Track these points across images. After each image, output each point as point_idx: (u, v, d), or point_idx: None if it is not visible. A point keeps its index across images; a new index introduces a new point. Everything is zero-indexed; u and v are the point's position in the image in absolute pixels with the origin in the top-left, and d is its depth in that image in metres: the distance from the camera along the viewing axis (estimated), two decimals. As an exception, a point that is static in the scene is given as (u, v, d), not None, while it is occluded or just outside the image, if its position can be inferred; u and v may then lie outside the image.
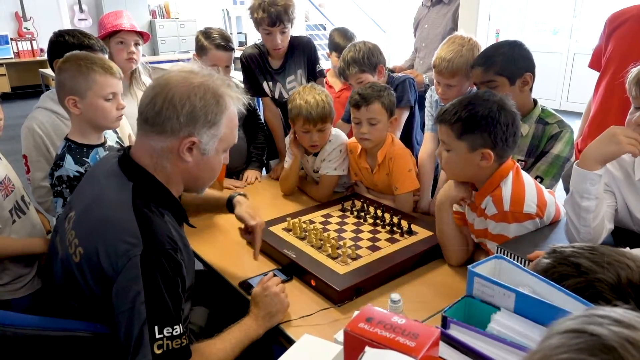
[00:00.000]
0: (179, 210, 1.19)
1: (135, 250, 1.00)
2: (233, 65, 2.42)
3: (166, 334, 0.99)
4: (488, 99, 1.35)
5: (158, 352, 0.98)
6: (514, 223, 1.35)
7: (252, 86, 2.51)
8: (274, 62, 2.49)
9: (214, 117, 1.11)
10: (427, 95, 2.25)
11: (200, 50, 2.27)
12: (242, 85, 2.52)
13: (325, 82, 2.72)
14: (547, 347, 0.44)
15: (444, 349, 0.83)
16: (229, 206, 1.58)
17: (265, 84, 2.51)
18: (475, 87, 2.02)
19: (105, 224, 1.05)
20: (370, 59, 2.15)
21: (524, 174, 1.43)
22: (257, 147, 2.51)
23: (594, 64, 2.28)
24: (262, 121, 2.59)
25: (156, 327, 0.98)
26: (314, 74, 2.55)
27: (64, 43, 2.00)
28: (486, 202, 1.40)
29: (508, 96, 1.42)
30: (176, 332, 1.01)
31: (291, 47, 2.47)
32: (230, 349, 1.16)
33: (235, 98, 1.17)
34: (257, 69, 2.48)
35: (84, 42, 1.99)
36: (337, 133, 2.11)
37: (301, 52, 2.50)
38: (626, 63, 1.55)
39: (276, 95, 2.51)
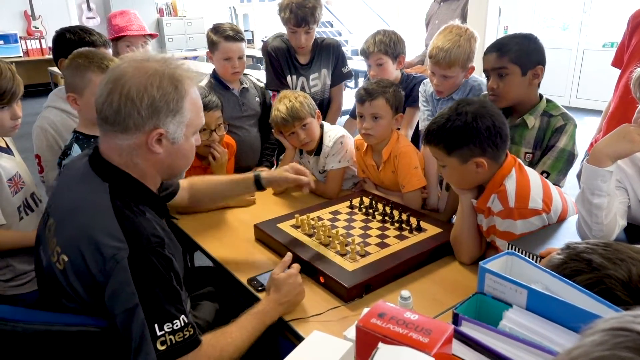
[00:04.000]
0: (159, 205, 1.17)
1: (122, 253, 0.99)
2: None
3: (167, 330, 0.99)
4: (461, 112, 1.36)
5: (161, 348, 0.98)
6: (519, 220, 1.34)
7: (278, 78, 2.54)
8: (301, 58, 2.54)
9: (176, 104, 1.07)
10: (421, 90, 2.20)
11: (212, 45, 2.29)
12: (260, 83, 2.52)
13: None
14: (587, 343, 0.41)
15: (455, 346, 0.82)
16: (257, 183, 1.59)
17: (289, 77, 2.55)
18: (467, 79, 2.00)
19: (88, 229, 1.02)
20: (396, 45, 2.24)
21: (528, 169, 1.43)
22: (267, 147, 2.52)
23: (617, 61, 2.24)
24: None
25: (156, 325, 0.98)
26: (339, 75, 2.61)
27: (66, 40, 2.02)
28: (492, 199, 1.40)
29: (485, 98, 1.42)
30: (177, 325, 1.00)
31: (319, 45, 2.54)
32: (247, 337, 1.15)
33: (193, 79, 1.14)
34: (284, 61, 2.53)
35: (85, 38, 2.01)
36: (332, 127, 2.13)
37: (329, 53, 2.57)
38: None
39: (298, 90, 2.52)
